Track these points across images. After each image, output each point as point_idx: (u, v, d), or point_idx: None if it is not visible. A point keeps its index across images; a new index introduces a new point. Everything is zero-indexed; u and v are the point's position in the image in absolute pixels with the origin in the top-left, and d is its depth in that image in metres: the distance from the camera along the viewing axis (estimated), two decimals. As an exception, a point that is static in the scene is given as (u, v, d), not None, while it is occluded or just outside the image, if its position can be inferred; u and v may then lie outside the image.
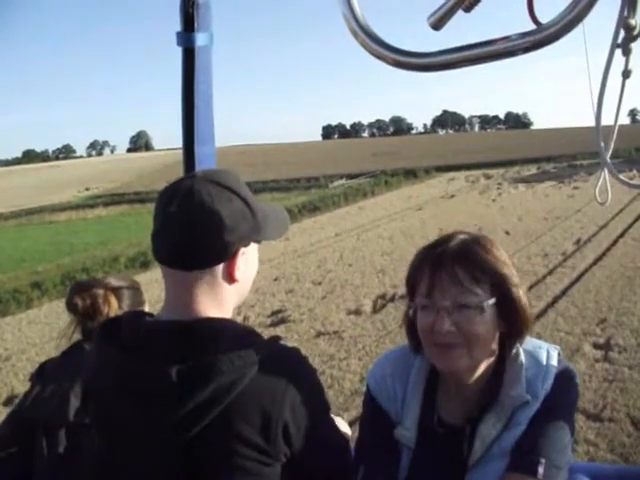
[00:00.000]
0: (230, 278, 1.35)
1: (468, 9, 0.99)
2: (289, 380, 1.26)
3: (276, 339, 1.37)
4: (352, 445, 1.59)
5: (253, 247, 1.41)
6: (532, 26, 0.94)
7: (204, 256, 1.30)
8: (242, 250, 1.34)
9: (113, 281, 2.31)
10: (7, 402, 10.72)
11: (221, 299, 1.35)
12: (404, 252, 19.04)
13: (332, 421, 1.44)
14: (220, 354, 1.21)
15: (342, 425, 1.64)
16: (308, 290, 15.87)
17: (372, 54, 0.98)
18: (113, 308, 2.23)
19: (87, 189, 76.75)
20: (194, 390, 1.18)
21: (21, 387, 11.19)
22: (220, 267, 1.32)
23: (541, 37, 0.90)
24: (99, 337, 1.36)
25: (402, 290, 13.45)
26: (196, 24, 1.81)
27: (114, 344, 1.30)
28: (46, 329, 16.73)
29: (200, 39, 1.83)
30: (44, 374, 2.18)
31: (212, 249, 1.29)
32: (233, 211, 1.31)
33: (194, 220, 1.27)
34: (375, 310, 13.08)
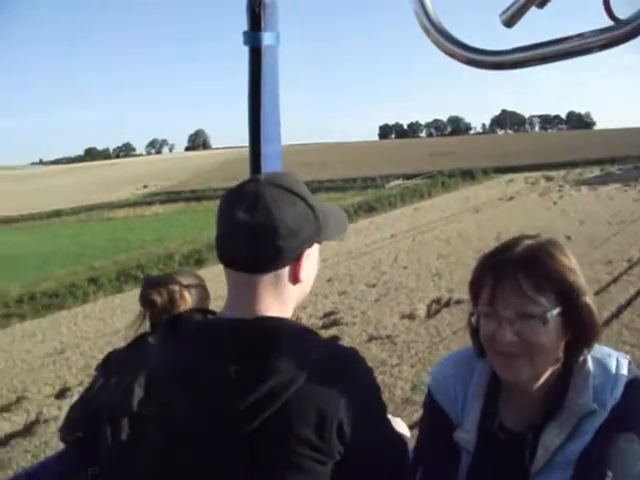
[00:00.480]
0: (295, 279, 1.38)
1: (541, 5, 0.96)
2: (346, 380, 1.27)
3: (334, 339, 1.41)
4: (410, 447, 1.56)
5: (315, 247, 1.43)
6: (608, 22, 0.90)
7: (270, 260, 1.32)
8: (307, 252, 1.38)
9: (185, 277, 2.39)
10: (59, 395, 10.99)
11: (284, 299, 1.38)
12: (460, 255, 18.78)
13: (388, 421, 1.44)
14: (279, 352, 1.24)
15: (400, 426, 1.64)
16: (361, 292, 15.70)
17: (444, 51, 0.97)
18: (187, 303, 2.30)
19: (145, 187, 78.21)
20: (252, 387, 1.21)
21: (74, 380, 11.57)
22: (286, 269, 1.36)
23: (618, 34, 0.86)
24: (164, 331, 1.42)
25: (458, 295, 13.46)
26: (263, 23, 1.82)
27: (178, 339, 1.36)
28: (100, 324, 17.13)
29: (267, 38, 1.84)
30: (109, 364, 2.14)
31: (278, 253, 1.31)
32: (297, 214, 1.34)
33: (260, 225, 1.29)
34: (429, 315, 12.80)
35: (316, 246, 1.43)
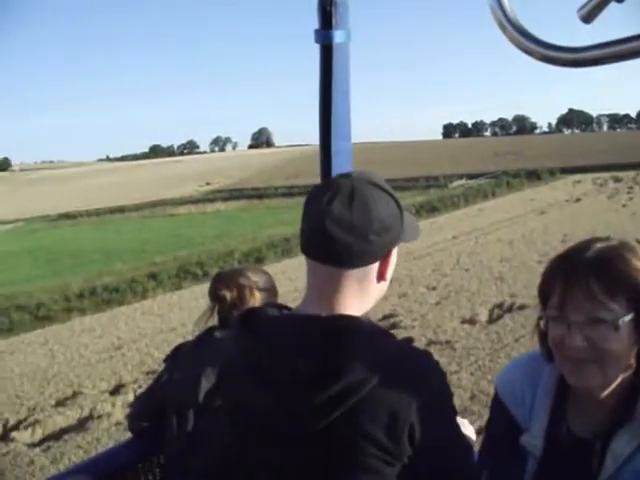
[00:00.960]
0: (381, 276, 1.39)
1: None
2: (419, 382, 1.27)
3: (409, 341, 1.41)
4: (476, 450, 1.54)
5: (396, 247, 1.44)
6: None
7: (363, 255, 1.32)
8: (394, 250, 1.40)
9: (254, 273, 2.44)
10: (114, 391, 11.08)
11: (366, 296, 1.39)
12: (525, 258, 18.32)
13: (458, 427, 1.41)
14: (353, 352, 1.24)
15: (467, 428, 1.64)
16: (422, 295, 15.37)
17: (520, 48, 0.95)
18: (257, 299, 2.35)
19: (208, 184, 78.96)
20: (325, 385, 1.21)
21: (129, 377, 11.70)
22: (374, 266, 1.36)
23: None
24: (239, 326, 1.41)
25: (521, 300, 13.12)
26: (334, 21, 1.81)
27: (252, 334, 1.35)
28: (158, 321, 17.33)
29: (338, 36, 1.84)
30: (178, 357, 2.33)
31: (371, 248, 1.32)
32: (389, 212, 1.36)
33: (357, 219, 1.30)
34: (491, 320, 12.40)
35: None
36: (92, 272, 26.69)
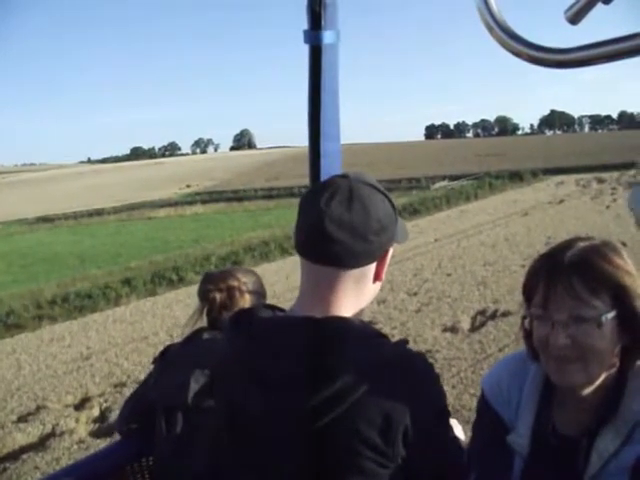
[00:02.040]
0: (377, 277, 1.41)
1: (607, 1, 0.94)
2: (413, 384, 1.28)
3: (403, 342, 1.39)
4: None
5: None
6: None
7: (362, 255, 1.34)
8: (390, 250, 1.43)
9: (244, 274, 2.43)
10: (79, 406, 10.69)
11: (362, 297, 1.40)
12: (508, 262, 17.99)
13: (451, 429, 1.43)
14: (347, 354, 1.25)
15: (456, 428, 1.64)
16: (402, 302, 14.87)
17: (507, 50, 0.96)
18: (247, 300, 2.34)
19: (188, 186, 78.63)
20: (318, 387, 1.22)
21: (95, 390, 11.41)
22: (372, 266, 1.38)
23: None
24: (231, 327, 1.42)
25: (504, 306, 12.92)
26: (323, 22, 1.83)
27: (246, 335, 1.36)
28: (129, 329, 16.90)
29: (327, 37, 1.85)
30: (167, 358, 2.30)
31: (370, 248, 1.34)
32: (386, 212, 1.38)
33: (356, 219, 1.32)
34: (473, 328, 12.01)
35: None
36: (66, 277, 26.22)
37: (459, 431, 1.69)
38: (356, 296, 1.37)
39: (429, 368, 1.35)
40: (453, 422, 1.61)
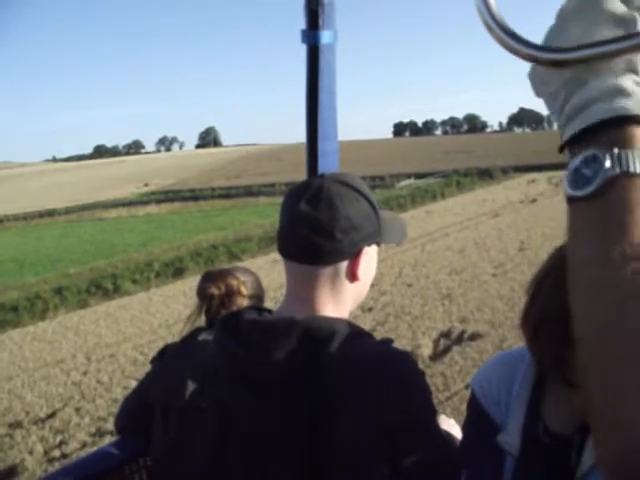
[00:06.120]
0: (352, 276, 1.39)
1: None
2: (399, 382, 1.28)
3: (388, 341, 1.40)
4: None
5: (374, 249, 1.45)
6: None
7: (329, 252, 1.33)
8: (365, 249, 1.39)
9: (243, 274, 2.36)
10: None
11: (341, 297, 1.39)
12: (477, 270, 16.29)
13: (438, 425, 1.42)
14: (332, 353, 1.25)
15: (447, 424, 1.67)
16: (354, 319, 12.59)
17: (506, 49, 0.91)
18: (245, 300, 2.28)
19: (146, 185, 76.98)
20: (305, 387, 1.23)
21: None
22: (344, 264, 1.37)
23: None
24: (219, 329, 1.41)
25: (472, 327, 11.09)
26: (321, 22, 1.77)
27: (233, 337, 1.35)
28: (46, 349, 15.44)
29: (325, 37, 1.80)
30: (164, 357, 2.19)
31: (338, 246, 1.34)
32: (359, 211, 1.37)
33: (322, 216, 1.33)
34: (435, 355, 10.30)
35: (374, 248, 1.44)
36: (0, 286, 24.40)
37: (456, 430, 1.66)
38: (334, 295, 1.37)
39: (415, 366, 1.34)
40: (450, 421, 1.69)
